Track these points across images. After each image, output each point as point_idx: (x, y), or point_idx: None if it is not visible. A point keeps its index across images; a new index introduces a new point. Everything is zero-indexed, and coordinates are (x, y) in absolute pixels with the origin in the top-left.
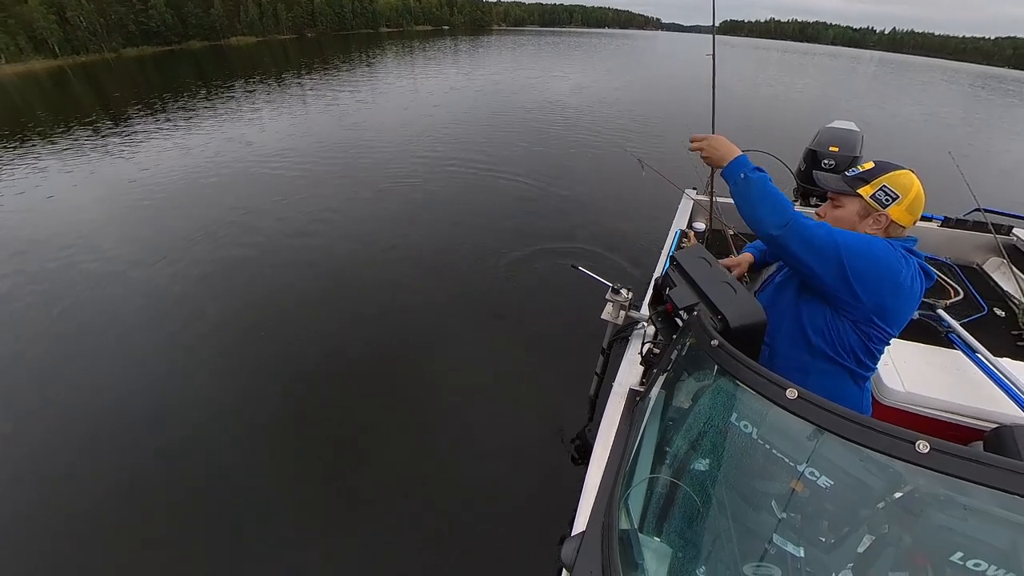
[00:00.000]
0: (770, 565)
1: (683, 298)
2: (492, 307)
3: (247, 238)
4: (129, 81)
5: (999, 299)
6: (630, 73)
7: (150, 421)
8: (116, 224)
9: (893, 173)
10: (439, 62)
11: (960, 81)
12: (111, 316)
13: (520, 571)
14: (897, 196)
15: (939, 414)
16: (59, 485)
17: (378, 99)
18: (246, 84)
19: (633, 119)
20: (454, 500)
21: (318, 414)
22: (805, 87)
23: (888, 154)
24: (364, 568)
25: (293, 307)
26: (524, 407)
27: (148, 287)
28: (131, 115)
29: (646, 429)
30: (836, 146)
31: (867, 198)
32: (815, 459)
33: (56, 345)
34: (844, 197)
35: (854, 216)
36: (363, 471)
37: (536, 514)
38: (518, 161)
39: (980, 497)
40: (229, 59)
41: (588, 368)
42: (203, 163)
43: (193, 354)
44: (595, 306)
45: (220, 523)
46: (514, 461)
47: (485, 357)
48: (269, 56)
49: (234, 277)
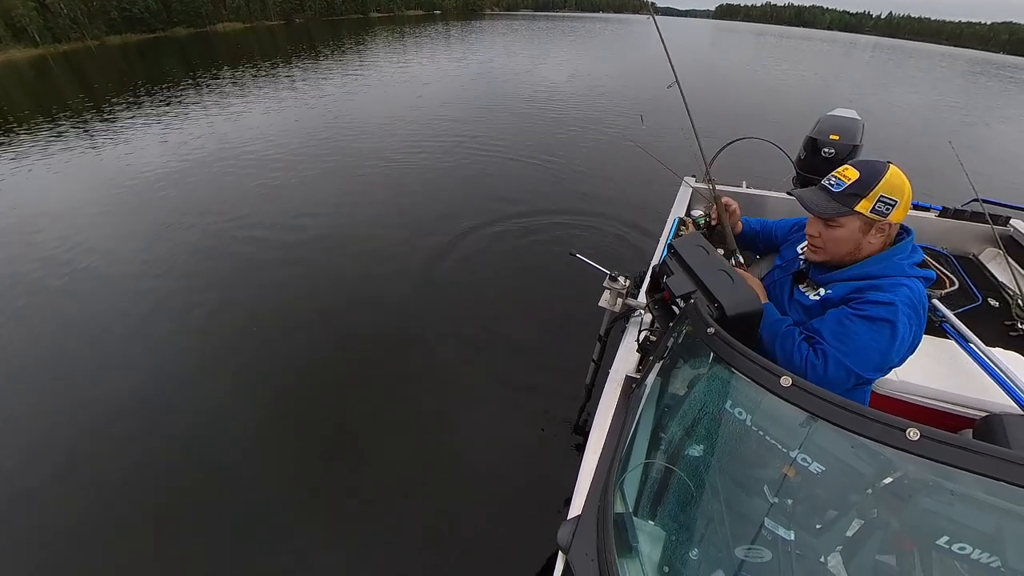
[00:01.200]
0: (761, 548)
1: (680, 286)
2: (489, 296)
3: (236, 232)
4: (113, 70)
5: (994, 289)
6: (623, 60)
7: (143, 421)
8: (100, 218)
9: (885, 178)
10: (431, 47)
11: (957, 67)
12: (94, 313)
13: (518, 553)
14: (895, 201)
15: (931, 402)
16: (51, 487)
17: (368, 87)
18: (233, 72)
19: (631, 106)
20: (453, 483)
21: (313, 410)
22: (805, 75)
23: (887, 143)
24: (364, 557)
25: (286, 301)
26: (521, 394)
27: (131, 284)
28: (115, 106)
29: (642, 416)
30: (837, 134)
31: (867, 214)
32: (807, 446)
33: (34, 348)
34: (842, 217)
35: (856, 234)
36: (361, 467)
37: (533, 498)
38: (515, 148)
39: (967, 483)
40: (215, 46)
41: (585, 355)
42: (189, 154)
43: (186, 352)
44: (592, 293)
45: (218, 524)
46: (511, 447)
47: (481, 346)
48: (257, 43)
49: (224, 272)
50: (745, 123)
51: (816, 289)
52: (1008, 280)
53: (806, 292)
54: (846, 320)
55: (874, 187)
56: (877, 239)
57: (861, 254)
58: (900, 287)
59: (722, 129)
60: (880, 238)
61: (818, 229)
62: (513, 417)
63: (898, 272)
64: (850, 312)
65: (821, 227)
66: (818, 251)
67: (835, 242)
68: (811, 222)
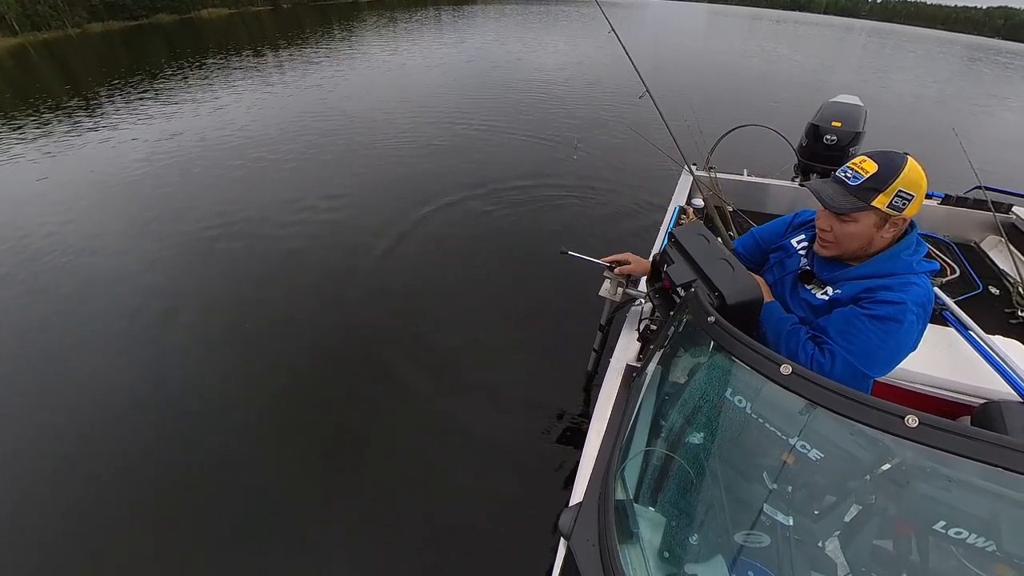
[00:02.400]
0: (760, 533)
1: (681, 275)
2: (488, 287)
3: (228, 227)
4: (96, 58)
5: (995, 277)
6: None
7: (137, 420)
8: (90, 212)
9: (904, 172)
10: (423, 34)
11: (957, 53)
12: (81, 310)
13: (520, 540)
14: (913, 196)
15: (930, 390)
16: (49, 488)
17: (362, 74)
18: (221, 60)
19: (633, 92)
20: (455, 471)
21: (310, 404)
22: (801, 60)
23: (890, 130)
24: (366, 550)
25: (279, 295)
26: (523, 384)
27: (121, 278)
28: (101, 96)
29: (642, 404)
30: (839, 121)
31: (884, 209)
32: (807, 433)
33: (22, 345)
34: (857, 212)
35: (870, 229)
36: (360, 466)
37: (535, 486)
38: (509, 133)
39: (964, 469)
40: (201, 33)
41: (586, 345)
42: (180, 147)
43: (178, 350)
44: (593, 283)
45: (217, 524)
46: (513, 437)
47: (481, 336)
48: (244, 29)
49: (214, 266)
50: (744, 111)
51: (823, 288)
52: (1009, 268)
53: (813, 291)
54: (854, 319)
55: (893, 181)
56: (890, 233)
57: (872, 248)
58: (911, 286)
59: (722, 116)
60: (892, 232)
61: (830, 223)
62: (514, 406)
63: (907, 269)
64: (859, 312)
65: (834, 221)
66: (829, 246)
67: (848, 237)
68: (822, 216)
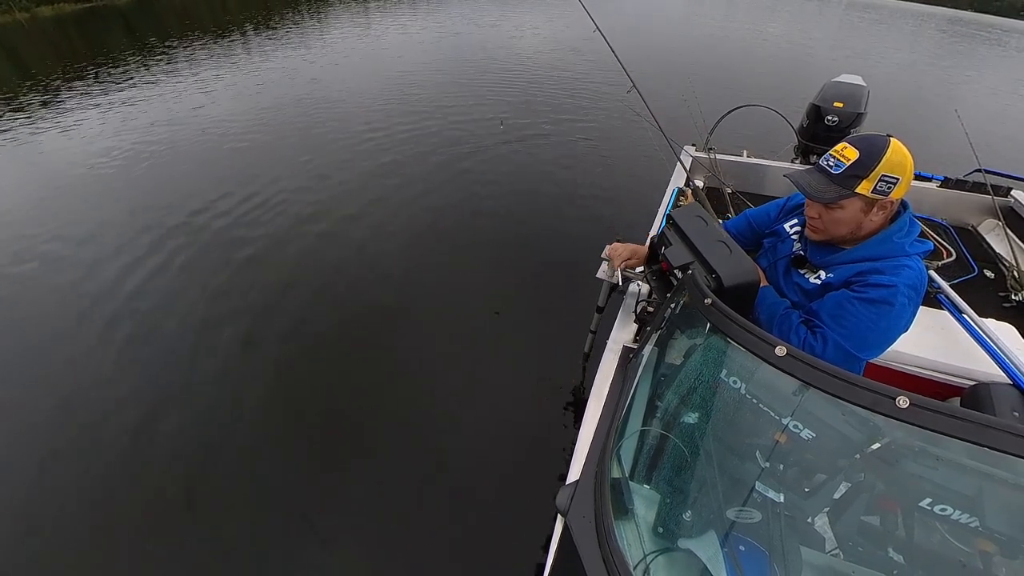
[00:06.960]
0: (751, 509)
1: (678, 257)
2: (483, 270)
3: (208, 220)
4: (47, 45)
5: (991, 261)
6: (617, 21)
7: (135, 421)
8: (57, 211)
9: (886, 156)
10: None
11: (947, 29)
12: (66, 308)
13: (518, 517)
14: (897, 179)
15: (921, 371)
16: (50, 486)
17: (336, 55)
18: (183, 43)
19: (630, 70)
20: (456, 454)
21: (307, 393)
22: (799, 39)
23: (890, 112)
24: (371, 533)
25: (272, 289)
26: (520, 366)
27: (98, 278)
28: (58, 87)
29: (639, 384)
30: (841, 101)
31: (869, 194)
32: (799, 413)
33: (18, 342)
34: (843, 200)
35: (858, 214)
36: (362, 455)
37: (533, 465)
38: (502, 117)
39: (952, 449)
40: (160, 15)
41: (583, 326)
42: (147, 138)
43: (170, 348)
44: (590, 264)
45: (216, 522)
46: (511, 417)
47: (478, 318)
48: (207, 8)
49: (202, 261)
50: (740, 91)
51: (816, 272)
52: (1005, 251)
53: (806, 275)
54: (846, 303)
55: (875, 167)
56: (879, 216)
57: (863, 232)
58: (902, 268)
59: (716, 95)
60: (882, 215)
61: (818, 211)
62: (511, 388)
63: (899, 252)
64: (851, 295)
65: (821, 209)
66: (818, 231)
67: (836, 223)
68: (810, 204)
